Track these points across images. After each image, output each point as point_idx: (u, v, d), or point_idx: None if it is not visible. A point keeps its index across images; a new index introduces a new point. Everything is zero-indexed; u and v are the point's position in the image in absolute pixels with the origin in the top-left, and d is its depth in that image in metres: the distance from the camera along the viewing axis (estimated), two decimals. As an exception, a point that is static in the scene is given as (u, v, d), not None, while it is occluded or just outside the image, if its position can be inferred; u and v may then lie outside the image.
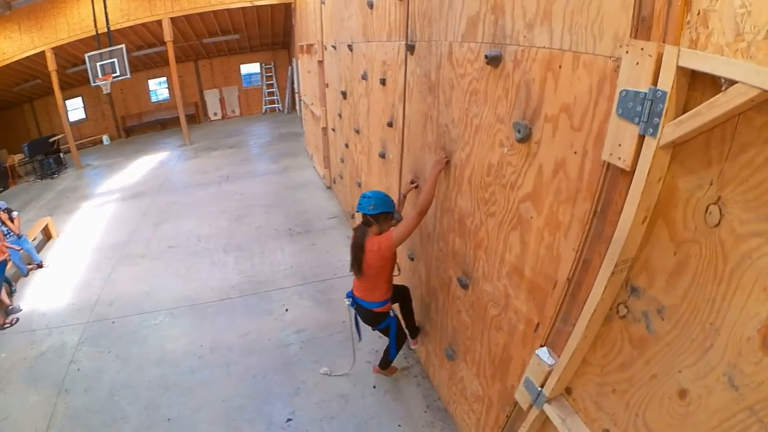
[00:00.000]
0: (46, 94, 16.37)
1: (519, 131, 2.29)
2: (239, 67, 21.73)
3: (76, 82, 17.96)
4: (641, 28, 1.57)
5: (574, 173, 2.01)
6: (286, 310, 5.83)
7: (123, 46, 14.47)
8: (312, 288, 6.24)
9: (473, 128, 2.82)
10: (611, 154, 1.70)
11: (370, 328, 4.33)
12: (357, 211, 3.78)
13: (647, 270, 1.69)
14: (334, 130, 8.59)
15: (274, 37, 20.06)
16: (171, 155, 15.75)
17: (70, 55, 15.58)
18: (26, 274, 7.96)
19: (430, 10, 3.34)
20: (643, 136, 1.56)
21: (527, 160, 2.31)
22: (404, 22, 3.86)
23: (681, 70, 1.41)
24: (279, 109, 22.02)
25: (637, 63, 1.54)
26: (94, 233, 9.39)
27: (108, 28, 14.15)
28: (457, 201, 3.14)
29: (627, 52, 1.58)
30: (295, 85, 18.66)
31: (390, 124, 4.64)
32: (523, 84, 2.27)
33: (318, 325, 5.49)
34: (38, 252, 8.63)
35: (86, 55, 14.23)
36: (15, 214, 8.20)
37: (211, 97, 21.60)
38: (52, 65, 14.49)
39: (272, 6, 15.88)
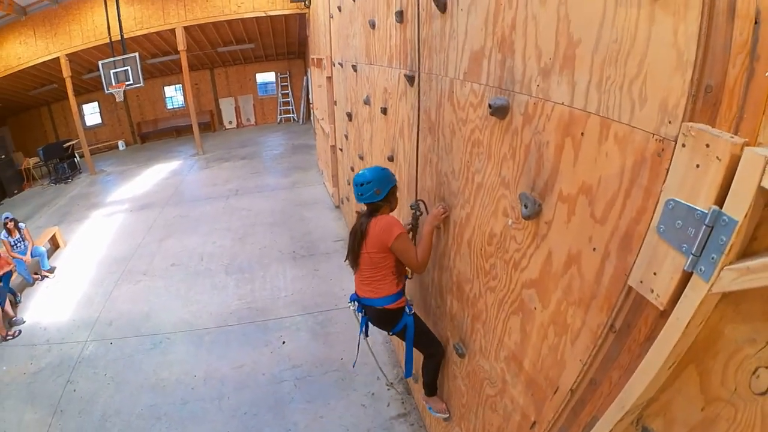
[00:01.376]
0: (63, 98, 16.55)
1: (526, 206, 1.91)
2: (255, 76, 21.81)
3: (92, 87, 18.13)
4: (703, 102, 1.15)
5: (590, 274, 1.62)
6: (283, 342, 5.65)
7: (136, 54, 14.53)
8: (311, 319, 6.06)
9: (474, 186, 2.50)
10: (641, 282, 1.31)
11: (387, 333, 3.70)
12: (359, 203, 3.30)
13: (666, 416, 1.38)
14: (341, 150, 8.43)
15: (290, 46, 20.09)
16: (183, 165, 15.75)
17: (85, 61, 15.74)
18: (32, 284, 7.96)
19: (430, 38, 2.98)
20: (691, 273, 1.15)
21: (534, 241, 1.94)
22: (404, 49, 3.55)
23: (763, 191, 0.97)
24: (294, 119, 22.00)
25: (698, 165, 1.10)
26: (100, 245, 9.38)
27: (121, 35, 14.23)
28: (455, 262, 2.88)
29: (684, 144, 1.13)
30: (310, 96, 18.63)
31: (391, 159, 4.40)
32: (534, 146, 1.88)
33: (314, 361, 5.30)
34: None
35: (100, 63, 14.33)
36: (22, 225, 8.19)
37: (227, 106, 21.66)
38: (66, 71, 14.65)
39: (286, 16, 15.88)
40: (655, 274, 1.26)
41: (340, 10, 6.80)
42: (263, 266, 7.62)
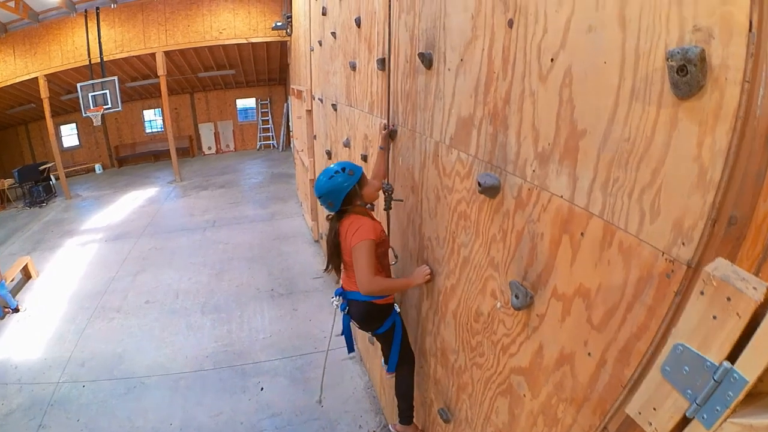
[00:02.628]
0: (41, 118, 16.34)
1: (517, 296, 1.80)
2: (235, 102, 21.76)
3: (71, 108, 17.96)
4: (725, 234, 1.05)
5: (583, 377, 1.54)
6: (262, 388, 5.50)
7: (116, 78, 14.54)
8: (290, 364, 5.93)
9: (461, 259, 2.40)
10: (640, 413, 1.23)
11: (368, 334, 3.51)
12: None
13: None
14: (322, 186, 8.34)
15: (271, 73, 20.14)
16: (160, 192, 15.52)
17: (64, 83, 15.64)
18: (2, 317, 7.75)
19: (413, 93, 2.86)
20: (691, 418, 1.08)
21: (525, 331, 1.85)
22: (386, 98, 3.43)
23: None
24: (274, 146, 21.95)
25: (715, 317, 1.01)
26: (73, 277, 9.13)
27: (101, 58, 14.30)
28: (439, 328, 2.83)
29: (702, 292, 1.02)
30: (290, 123, 18.67)
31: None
32: (528, 235, 1.76)
33: (294, 408, 5.16)
34: (17, 293, 8.50)
35: (78, 85, 14.28)
36: (-8, 258, 8.00)
37: (206, 131, 21.54)
38: (44, 92, 14.53)
39: (268, 43, 15.98)
40: (654, 409, 1.20)
41: (320, 45, 6.74)
42: (240, 305, 7.47)
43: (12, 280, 8.62)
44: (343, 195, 3.04)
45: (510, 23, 1.81)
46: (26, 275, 9.27)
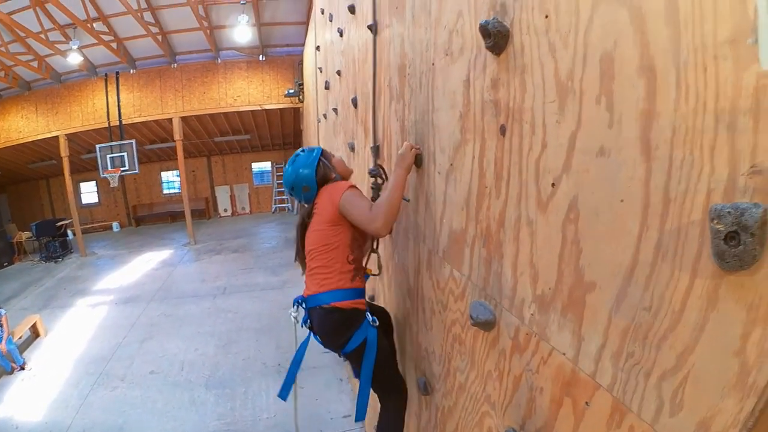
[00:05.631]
0: (62, 174, 16.92)
1: None
2: (251, 165, 22.36)
3: (90, 167, 18.54)
4: None
5: None
6: (261, 477, 5.41)
7: (133, 141, 15.12)
8: (292, 449, 5.82)
9: (456, 383, 2.18)
10: None
11: (336, 354, 2.86)
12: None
13: None
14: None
15: (285, 137, 20.72)
16: (174, 255, 15.71)
17: (84, 142, 16.37)
18: (10, 372, 7.85)
19: (406, 191, 2.61)
20: None
21: None
22: None
23: None
24: (288, 209, 22.28)
25: None
26: (80, 339, 9.19)
27: (120, 121, 14.97)
28: None
29: None
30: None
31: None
32: (525, 383, 1.53)
33: (294, 499, 5.05)
34: (24, 350, 8.62)
35: (97, 146, 14.88)
36: (2, 312, 8.10)
37: (222, 194, 22.07)
38: (64, 151, 15.18)
39: (281, 110, 16.49)
40: None
41: (326, 118, 6.72)
42: (245, 380, 7.38)
43: (20, 337, 8.73)
44: (314, 170, 2.74)
45: (502, 130, 1.58)
46: (35, 333, 9.39)
